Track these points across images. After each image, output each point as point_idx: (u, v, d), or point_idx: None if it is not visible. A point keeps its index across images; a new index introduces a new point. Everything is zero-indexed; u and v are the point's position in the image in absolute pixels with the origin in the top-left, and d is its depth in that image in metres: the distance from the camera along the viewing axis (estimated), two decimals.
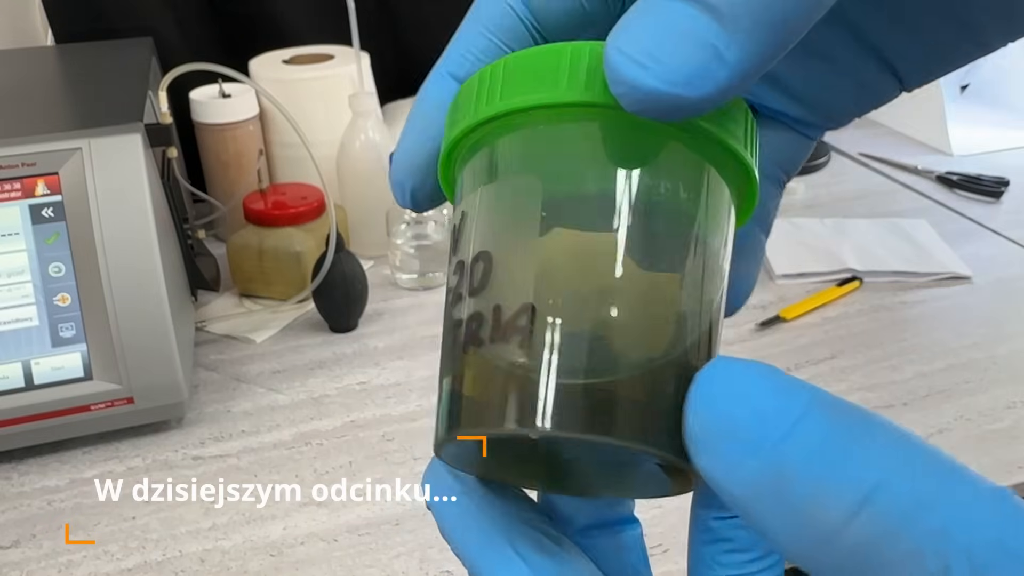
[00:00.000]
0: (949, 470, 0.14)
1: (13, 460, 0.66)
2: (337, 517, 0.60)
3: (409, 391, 0.73)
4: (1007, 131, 1.21)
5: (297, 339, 0.81)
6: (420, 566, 0.56)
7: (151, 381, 0.64)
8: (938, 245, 0.92)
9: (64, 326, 0.63)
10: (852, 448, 0.14)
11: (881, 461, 0.14)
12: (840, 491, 0.14)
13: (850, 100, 0.24)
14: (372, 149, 0.89)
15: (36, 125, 0.68)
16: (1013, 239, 0.96)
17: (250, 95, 0.91)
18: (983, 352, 0.76)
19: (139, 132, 0.64)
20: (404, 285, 0.89)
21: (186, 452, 0.67)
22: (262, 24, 1.04)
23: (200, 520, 0.60)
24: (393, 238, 0.87)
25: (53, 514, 0.61)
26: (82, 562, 0.57)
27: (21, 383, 0.62)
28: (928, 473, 0.14)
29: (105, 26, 0.98)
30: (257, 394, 0.73)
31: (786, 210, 1.01)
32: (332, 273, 0.77)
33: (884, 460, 0.14)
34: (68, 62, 0.92)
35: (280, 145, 0.95)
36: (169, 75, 0.71)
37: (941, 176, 1.10)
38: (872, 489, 0.14)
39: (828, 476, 0.14)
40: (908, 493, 0.14)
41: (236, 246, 0.84)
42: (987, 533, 0.14)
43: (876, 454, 0.14)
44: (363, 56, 0.92)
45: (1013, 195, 1.05)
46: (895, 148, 1.19)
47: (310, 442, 0.67)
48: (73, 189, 0.62)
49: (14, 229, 0.62)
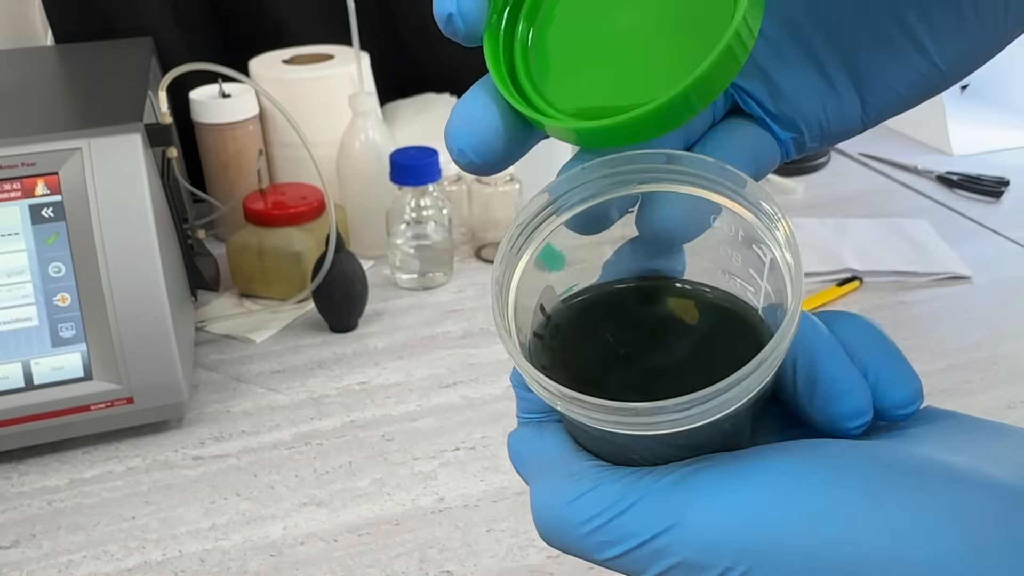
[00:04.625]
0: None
1: (13, 460, 0.66)
2: (337, 517, 0.60)
3: (409, 391, 0.73)
4: (1007, 131, 1.21)
5: (297, 339, 0.81)
6: (420, 566, 0.56)
7: (151, 381, 0.64)
8: (938, 245, 0.92)
9: (64, 326, 0.63)
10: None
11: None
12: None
13: (817, 103, 0.27)
14: (372, 149, 0.89)
15: (36, 125, 0.68)
16: (1013, 239, 0.96)
17: (250, 95, 0.91)
18: (983, 352, 0.76)
19: (139, 132, 0.64)
20: (404, 285, 0.89)
21: (186, 452, 0.67)
22: (262, 24, 1.04)
23: (200, 520, 0.60)
24: (393, 238, 0.87)
25: (53, 514, 0.61)
26: (82, 562, 0.57)
27: (21, 383, 0.62)
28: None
29: (105, 26, 0.98)
30: (257, 394, 0.73)
31: (786, 210, 1.00)
32: (332, 273, 0.77)
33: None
34: (68, 62, 0.92)
35: (280, 145, 0.95)
36: (169, 75, 0.71)
37: (941, 176, 1.10)
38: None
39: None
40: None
41: (236, 246, 0.84)
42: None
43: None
44: (363, 56, 0.92)
45: (1013, 195, 1.05)
46: (895, 148, 1.19)
47: (310, 442, 0.67)
48: (73, 189, 0.62)
49: (14, 229, 0.62)
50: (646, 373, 0.26)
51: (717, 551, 0.22)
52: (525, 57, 0.26)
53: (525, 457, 0.28)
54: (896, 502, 0.21)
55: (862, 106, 0.27)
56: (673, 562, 0.23)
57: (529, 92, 0.26)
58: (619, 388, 0.25)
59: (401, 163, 0.85)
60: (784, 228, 0.24)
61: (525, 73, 0.26)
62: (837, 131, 0.27)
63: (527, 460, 0.28)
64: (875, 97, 0.26)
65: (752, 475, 0.23)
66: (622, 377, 0.26)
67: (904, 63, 0.25)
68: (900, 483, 0.22)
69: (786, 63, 0.26)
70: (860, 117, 0.27)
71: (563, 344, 0.27)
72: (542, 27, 0.26)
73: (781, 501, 0.22)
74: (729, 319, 0.27)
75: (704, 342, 0.27)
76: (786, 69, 0.26)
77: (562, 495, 0.25)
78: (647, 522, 0.23)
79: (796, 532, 0.22)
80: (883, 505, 0.21)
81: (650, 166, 0.25)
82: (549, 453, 0.27)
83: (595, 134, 0.24)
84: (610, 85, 0.25)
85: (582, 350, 0.27)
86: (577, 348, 0.27)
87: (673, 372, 0.26)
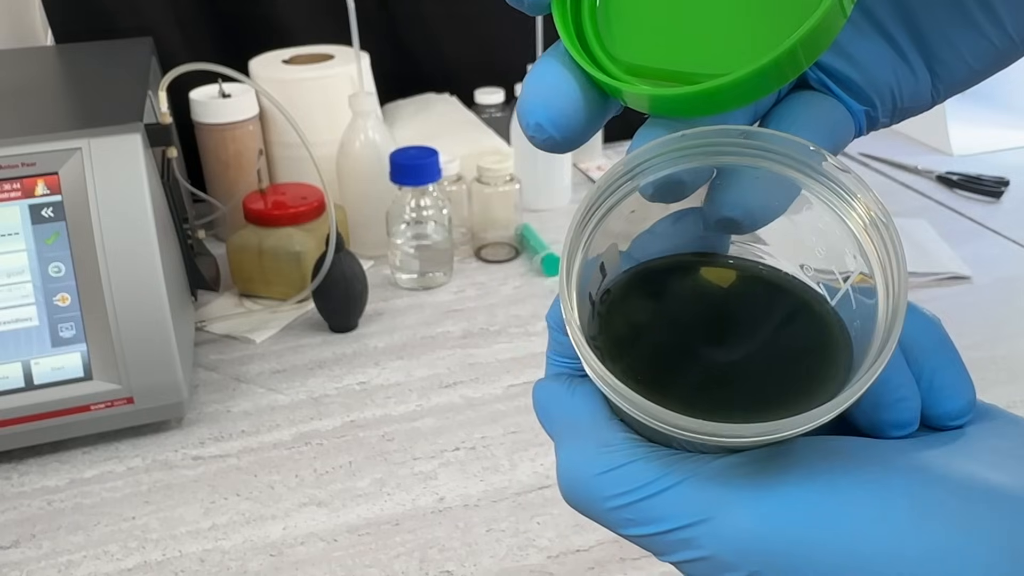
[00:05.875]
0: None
1: (13, 460, 0.66)
2: (337, 517, 0.60)
3: (409, 391, 0.73)
4: (1007, 131, 1.21)
5: (297, 339, 0.81)
6: (420, 566, 0.56)
7: (151, 381, 0.64)
8: (938, 245, 0.92)
9: (64, 326, 0.63)
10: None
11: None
12: None
13: (889, 73, 0.25)
14: (372, 149, 0.89)
15: (36, 125, 0.68)
16: (1013, 239, 0.96)
17: (250, 95, 0.91)
18: (983, 352, 0.76)
19: (139, 132, 0.64)
20: (404, 285, 0.89)
21: (186, 452, 0.67)
22: (262, 24, 1.04)
23: (200, 520, 0.60)
24: (393, 238, 0.87)
25: (53, 514, 0.61)
26: (82, 562, 0.57)
27: (21, 383, 0.62)
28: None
29: (105, 26, 0.99)
30: (257, 394, 0.73)
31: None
32: (332, 273, 0.77)
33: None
34: (68, 62, 0.92)
35: (280, 145, 0.95)
36: (169, 75, 0.71)
37: (941, 176, 1.10)
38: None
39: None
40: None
41: (236, 246, 0.84)
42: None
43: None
44: (363, 56, 0.92)
45: (1013, 195, 1.05)
46: (895, 148, 1.19)
47: (310, 442, 0.67)
48: (73, 189, 0.62)
49: (14, 229, 0.62)
50: (707, 370, 0.24)
51: (748, 554, 0.22)
52: (594, 22, 0.24)
53: (553, 414, 0.27)
54: (943, 525, 0.21)
55: (932, 79, 0.25)
56: (699, 555, 0.22)
57: (602, 59, 0.24)
58: (677, 383, 0.24)
59: (401, 163, 0.85)
60: (865, 202, 0.22)
61: (596, 39, 0.24)
62: (909, 105, 0.26)
63: (555, 418, 0.27)
64: (946, 69, 0.25)
65: (796, 480, 0.22)
66: (681, 369, 0.24)
67: (976, 33, 0.24)
68: (947, 504, 0.21)
69: (859, 31, 0.25)
70: (930, 91, 0.26)
71: (617, 317, 0.25)
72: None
73: (822, 512, 0.21)
74: (800, 312, 0.25)
75: (775, 341, 0.25)
76: (859, 37, 0.25)
77: (592, 464, 0.24)
78: (680, 510, 0.23)
79: (834, 546, 0.21)
80: (929, 527, 0.21)
81: (728, 140, 0.24)
82: (581, 416, 0.26)
83: (683, 100, 0.22)
84: (690, 48, 0.23)
85: (638, 330, 0.25)
86: (633, 326, 0.25)
87: (738, 375, 0.24)
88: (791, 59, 0.21)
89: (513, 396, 0.72)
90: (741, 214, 0.24)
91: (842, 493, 0.22)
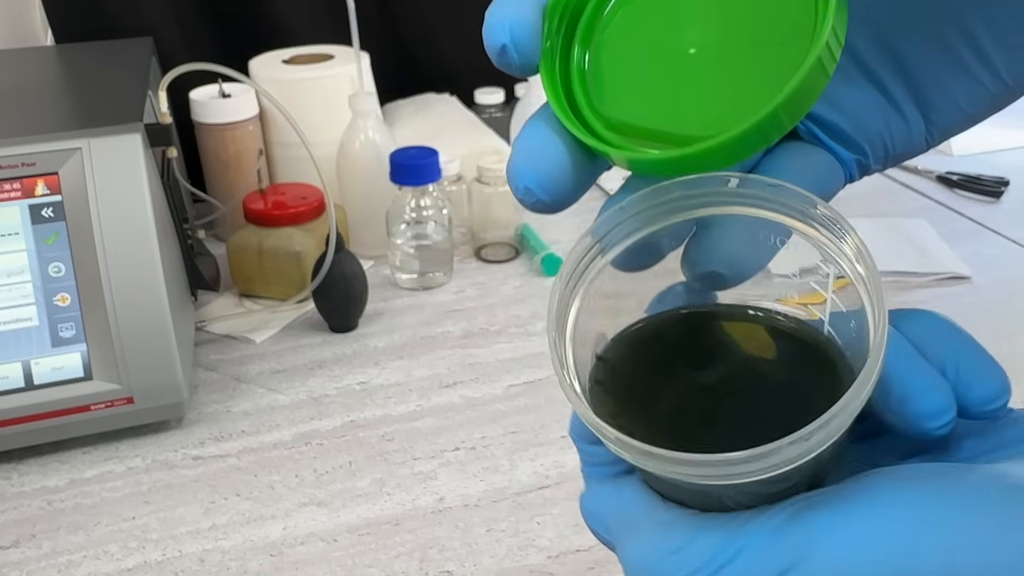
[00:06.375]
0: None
1: (13, 460, 0.66)
2: (337, 517, 0.60)
3: (409, 391, 0.73)
4: (1007, 131, 1.21)
5: (297, 339, 0.81)
6: (420, 566, 0.56)
7: (151, 381, 0.64)
8: (938, 245, 0.92)
9: (64, 326, 0.63)
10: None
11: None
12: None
13: (880, 122, 0.25)
14: (372, 149, 0.89)
15: (36, 125, 0.68)
16: (1013, 239, 0.96)
17: (250, 95, 0.91)
18: None
19: (139, 132, 0.64)
20: (404, 285, 0.89)
21: (186, 452, 0.67)
22: (262, 24, 1.04)
23: (200, 520, 0.60)
24: (393, 238, 0.87)
25: (53, 514, 0.61)
26: (82, 562, 0.57)
27: (21, 383, 0.62)
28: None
29: (105, 26, 0.99)
30: (257, 394, 0.73)
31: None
32: (332, 273, 0.77)
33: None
34: (68, 62, 0.92)
35: (280, 145, 0.95)
36: (169, 75, 0.71)
37: (941, 176, 1.10)
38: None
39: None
40: None
41: (236, 246, 0.84)
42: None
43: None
44: (363, 56, 0.92)
45: (1013, 195, 1.05)
46: None
47: (310, 442, 0.67)
48: (73, 189, 0.62)
49: (14, 229, 0.62)
50: (725, 410, 0.24)
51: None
52: (583, 83, 0.25)
53: (607, 518, 0.26)
54: None
55: (926, 125, 0.25)
56: None
57: (591, 121, 0.24)
58: (698, 431, 0.23)
59: (401, 163, 0.85)
60: (853, 241, 0.22)
61: (584, 100, 0.24)
62: (901, 151, 0.26)
63: (610, 521, 0.26)
64: (940, 115, 0.25)
65: (868, 507, 0.21)
66: (700, 417, 0.24)
67: (970, 79, 0.24)
68: None
69: (849, 80, 0.25)
70: (924, 136, 0.26)
71: (627, 388, 0.25)
72: (599, 51, 0.25)
73: (908, 528, 0.21)
74: (796, 341, 0.25)
75: (777, 369, 0.25)
76: (849, 87, 0.25)
77: (657, 550, 0.23)
78: (761, 567, 0.22)
79: (927, 560, 0.20)
80: (1020, 530, 0.20)
81: (708, 190, 0.23)
82: (634, 510, 0.25)
83: (671, 163, 0.22)
84: (678, 109, 0.23)
85: (649, 392, 0.25)
86: (644, 390, 0.25)
87: (753, 408, 0.24)
88: (774, 122, 0.21)
89: (513, 396, 0.72)
90: (725, 263, 0.24)
91: (921, 507, 0.21)
